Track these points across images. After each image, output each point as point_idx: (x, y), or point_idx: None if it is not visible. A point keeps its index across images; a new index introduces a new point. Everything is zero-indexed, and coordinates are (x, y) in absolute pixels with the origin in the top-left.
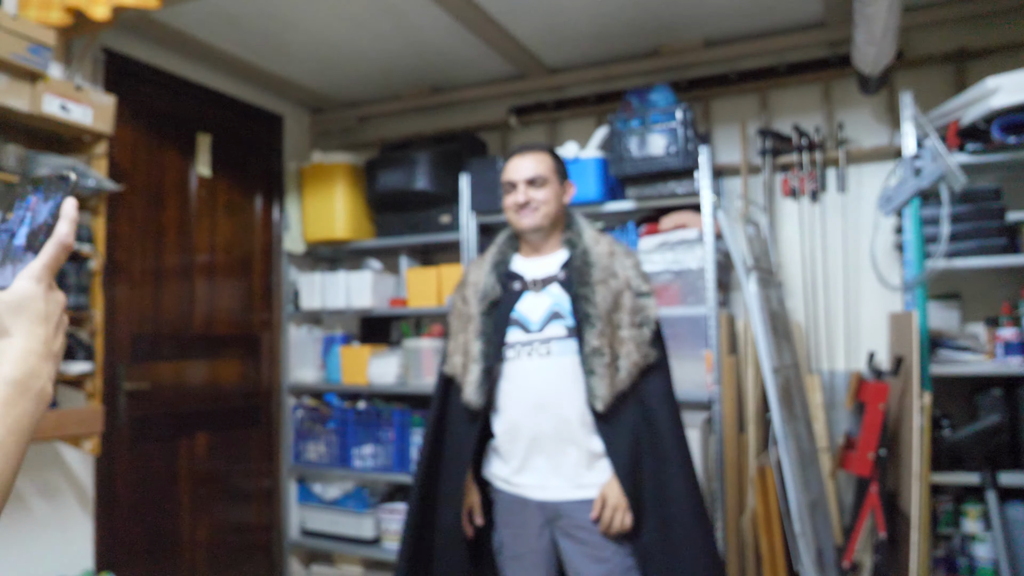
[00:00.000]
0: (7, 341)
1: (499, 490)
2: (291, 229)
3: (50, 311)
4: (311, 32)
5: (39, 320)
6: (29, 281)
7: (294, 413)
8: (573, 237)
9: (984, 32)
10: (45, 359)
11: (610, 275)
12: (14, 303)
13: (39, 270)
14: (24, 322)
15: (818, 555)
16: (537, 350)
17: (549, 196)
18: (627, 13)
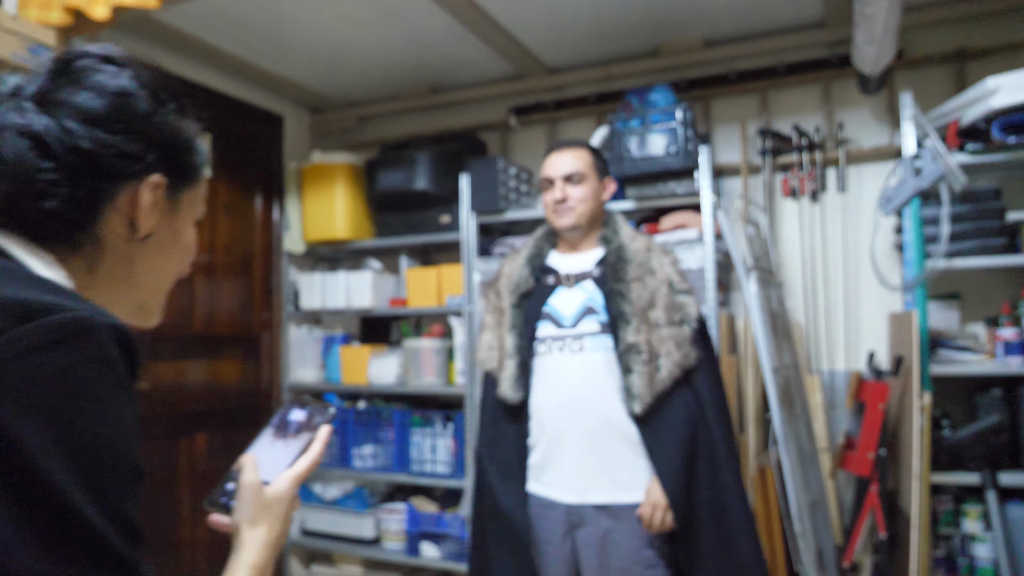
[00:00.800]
0: (256, 531)
1: (530, 491)
2: (291, 229)
3: (289, 513)
4: (311, 32)
5: (281, 519)
6: (287, 484)
7: None
8: (609, 234)
9: (984, 32)
10: (275, 550)
11: (647, 272)
12: (270, 500)
13: (294, 479)
14: (271, 518)
15: (818, 555)
16: (569, 345)
17: (587, 194)
18: (627, 13)
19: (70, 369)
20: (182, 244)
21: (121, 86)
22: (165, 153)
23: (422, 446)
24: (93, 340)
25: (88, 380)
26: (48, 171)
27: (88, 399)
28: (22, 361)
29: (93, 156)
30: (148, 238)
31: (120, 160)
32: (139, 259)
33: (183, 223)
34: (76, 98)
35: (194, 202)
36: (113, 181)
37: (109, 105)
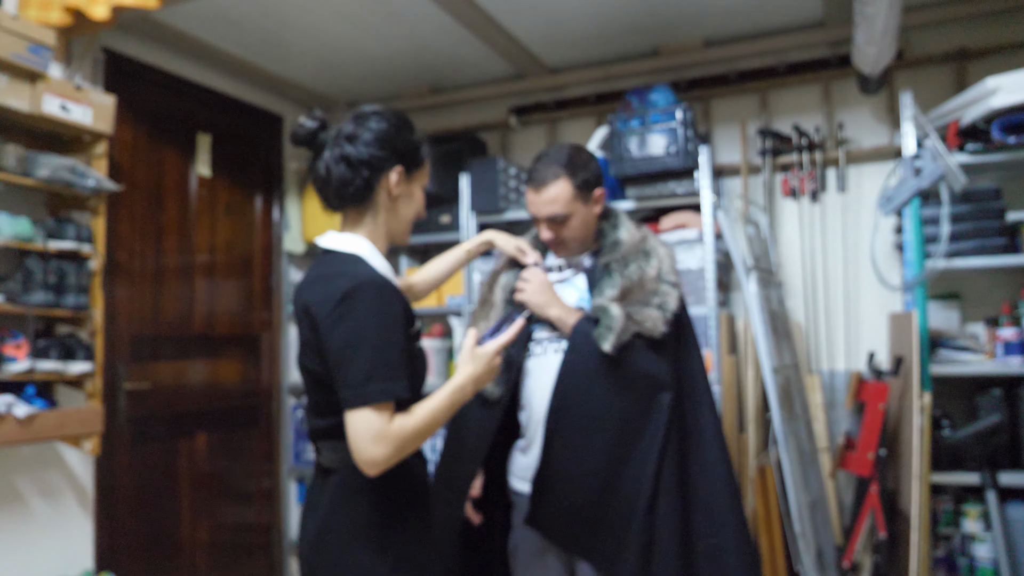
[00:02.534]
0: (464, 368)
1: (517, 492)
2: (291, 229)
3: (488, 365)
4: (311, 32)
5: (481, 366)
6: (490, 347)
7: (294, 413)
8: (606, 228)
9: (984, 32)
10: (473, 384)
11: (635, 261)
12: (478, 354)
13: (497, 345)
14: (475, 363)
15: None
16: (561, 346)
17: (574, 227)
18: (627, 13)
19: (367, 299)
20: (414, 199)
21: (380, 126)
22: (403, 155)
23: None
24: (378, 286)
25: (370, 300)
26: (349, 171)
27: (371, 309)
28: (353, 296)
29: (369, 161)
30: (397, 199)
31: (381, 162)
32: (394, 210)
33: (415, 189)
34: (362, 134)
35: (420, 177)
36: (378, 172)
37: (375, 136)
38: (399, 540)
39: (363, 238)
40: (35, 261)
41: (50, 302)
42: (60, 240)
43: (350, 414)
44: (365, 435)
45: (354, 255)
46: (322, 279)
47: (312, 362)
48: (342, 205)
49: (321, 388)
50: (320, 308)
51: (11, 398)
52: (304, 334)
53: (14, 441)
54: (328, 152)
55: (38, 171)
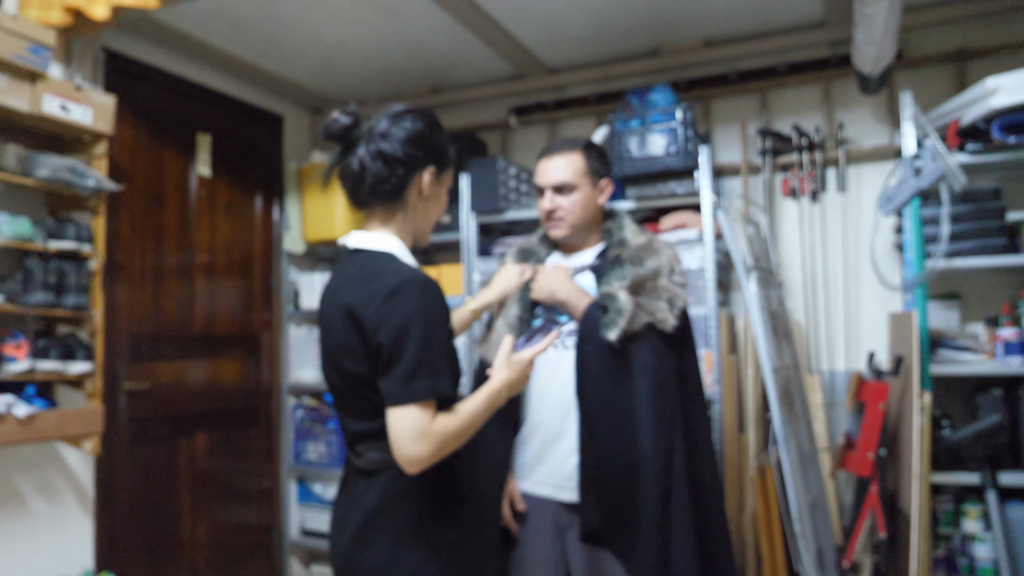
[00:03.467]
0: (501, 373)
1: (520, 489)
2: (291, 229)
3: (522, 372)
4: (311, 32)
5: (517, 370)
6: (526, 355)
7: (294, 413)
8: (612, 228)
9: (984, 32)
10: (507, 389)
11: (642, 262)
12: (514, 361)
13: (530, 353)
14: (509, 368)
15: (818, 555)
16: (565, 342)
17: (578, 203)
18: (627, 13)
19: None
20: (441, 200)
21: (416, 126)
22: (436, 156)
23: None
24: (423, 283)
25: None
26: (384, 169)
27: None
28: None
29: (404, 160)
30: (428, 199)
31: (415, 160)
32: (423, 209)
33: (442, 190)
34: (397, 132)
35: (447, 179)
36: (412, 171)
37: (410, 135)
38: (451, 541)
39: (393, 236)
40: (35, 261)
41: (50, 302)
42: (60, 240)
43: (394, 411)
44: (408, 433)
45: (388, 253)
46: (362, 279)
47: (354, 365)
48: (373, 202)
49: (366, 390)
50: (365, 308)
51: (11, 398)
52: (343, 337)
53: (14, 441)
54: (363, 148)
55: (38, 171)
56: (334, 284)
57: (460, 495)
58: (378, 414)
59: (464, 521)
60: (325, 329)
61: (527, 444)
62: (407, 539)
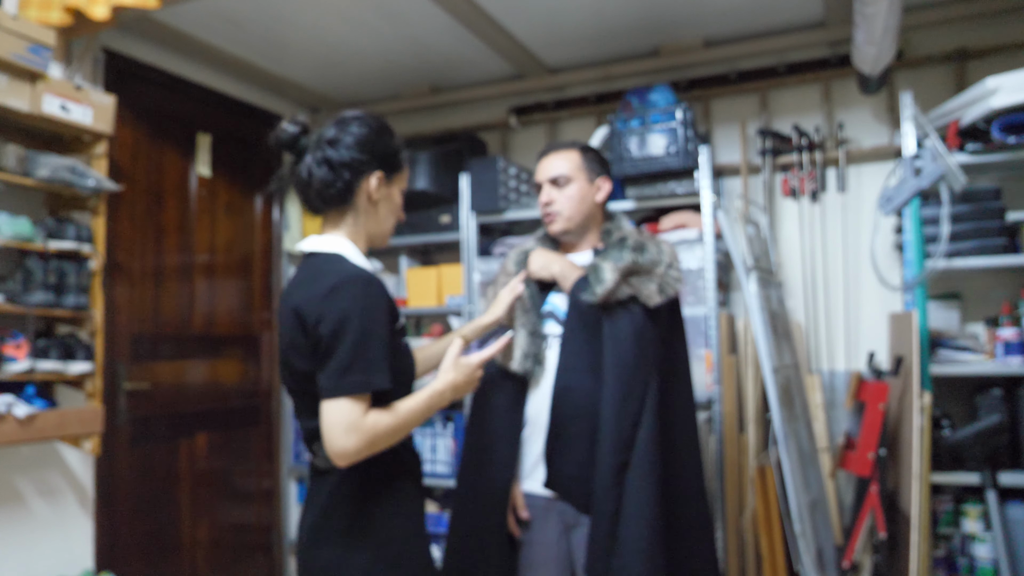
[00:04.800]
0: (446, 375)
1: (524, 490)
2: (291, 229)
3: (470, 376)
4: (311, 32)
5: (464, 376)
6: (475, 359)
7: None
8: (611, 228)
9: (984, 32)
10: (452, 392)
11: (640, 252)
12: (462, 363)
13: (481, 357)
14: (457, 372)
15: (818, 555)
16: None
17: (573, 196)
18: (627, 13)
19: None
20: (393, 203)
21: (362, 131)
22: (383, 159)
23: (422, 446)
24: (365, 280)
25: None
26: (330, 173)
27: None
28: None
29: (350, 164)
30: (377, 202)
31: (361, 165)
32: (374, 213)
33: (394, 192)
34: (343, 138)
35: (400, 181)
36: (359, 175)
37: (356, 140)
38: (398, 537)
39: (344, 238)
40: (35, 261)
41: (50, 302)
42: (60, 240)
43: (326, 404)
44: (338, 425)
45: (337, 254)
46: (308, 280)
47: (301, 362)
48: (323, 208)
49: (313, 387)
50: (308, 306)
51: (11, 398)
52: (290, 336)
53: (14, 441)
54: (310, 156)
55: (38, 171)
56: (288, 288)
57: (411, 492)
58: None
59: (413, 518)
60: (280, 331)
61: (530, 445)
62: (355, 538)
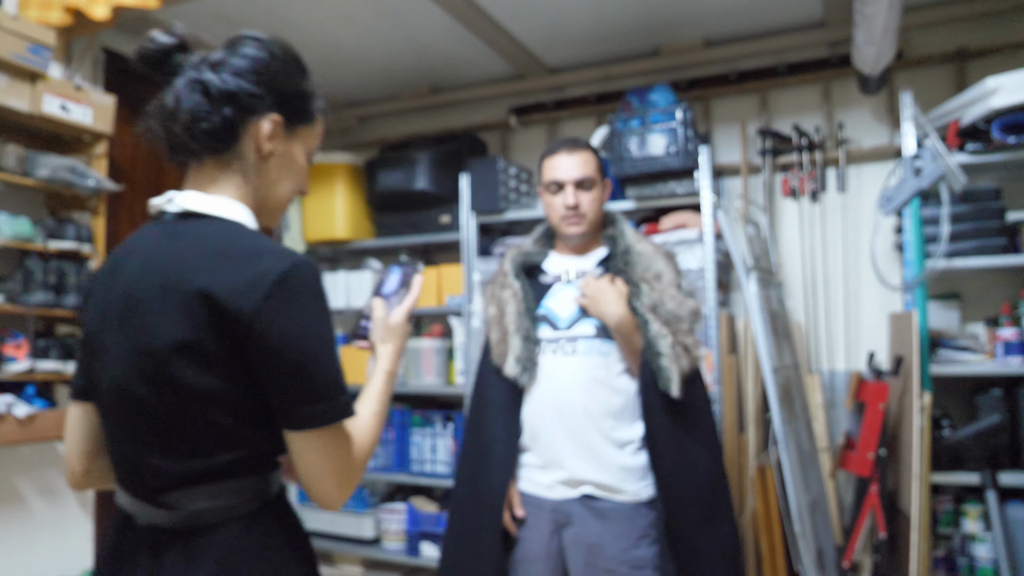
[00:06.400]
0: (387, 347)
1: (521, 489)
2: (291, 229)
3: (405, 333)
4: (311, 32)
5: (401, 337)
6: (401, 315)
7: None
8: (615, 235)
9: (984, 32)
10: (399, 359)
11: (654, 275)
12: (394, 326)
13: (405, 310)
14: (395, 337)
15: (818, 555)
16: (563, 348)
17: (595, 199)
18: (627, 13)
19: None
20: (296, 167)
21: (257, 54)
22: (283, 99)
23: (422, 446)
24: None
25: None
26: (206, 104)
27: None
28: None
29: (234, 95)
30: (269, 158)
31: (250, 99)
32: (263, 172)
33: (296, 151)
34: (231, 60)
35: (307, 138)
36: (245, 113)
37: (249, 65)
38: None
39: (234, 201)
40: (35, 261)
41: (50, 302)
42: (60, 240)
43: (321, 434)
44: (343, 458)
45: (239, 224)
46: (216, 255)
47: (198, 374)
48: (193, 150)
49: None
50: (240, 298)
51: (11, 398)
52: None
53: (14, 441)
54: (180, 78)
55: (38, 171)
56: (149, 256)
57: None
58: (222, 445)
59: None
60: (126, 318)
61: (525, 446)
62: None
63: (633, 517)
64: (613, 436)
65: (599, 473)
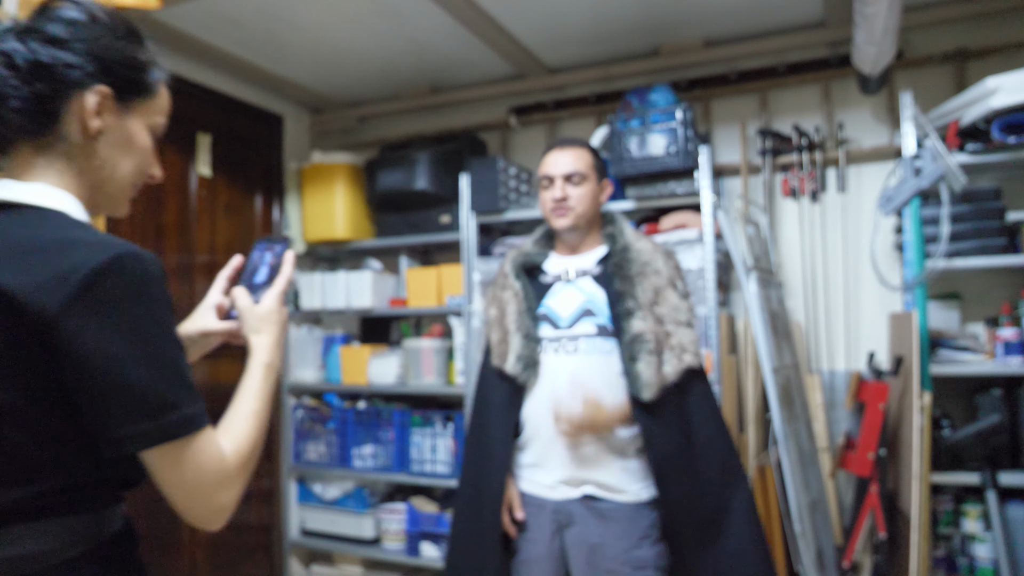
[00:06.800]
0: (261, 337)
1: (520, 490)
2: (291, 229)
3: (282, 319)
4: (311, 32)
5: (277, 324)
6: (273, 300)
7: (294, 413)
8: (614, 233)
9: (984, 32)
10: (280, 349)
11: (652, 271)
12: (265, 313)
13: (277, 294)
14: (270, 325)
15: (818, 555)
16: (564, 347)
17: (586, 194)
18: (627, 13)
19: (138, 276)
20: (135, 146)
21: (73, 17)
22: (111, 69)
23: (422, 446)
24: (140, 256)
25: (140, 281)
26: (12, 78)
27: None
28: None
29: (47, 67)
30: (99, 136)
31: (68, 70)
32: (97, 154)
33: (134, 128)
34: (42, 26)
35: (147, 112)
36: (64, 87)
37: (63, 31)
38: None
39: (58, 190)
40: None
41: None
42: None
43: (162, 454)
44: (210, 474)
45: (59, 212)
46: (20, 249)
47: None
48: (2, 136)
49: (15, 432)
50: (43, 296)
51: None
52: None
53: None
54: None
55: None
56: None
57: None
58: (23, 476)
59: None
60: None
61: (526, 446)
62: None
63: (634, 517)
64: (613, 436)
65: (600, 473)
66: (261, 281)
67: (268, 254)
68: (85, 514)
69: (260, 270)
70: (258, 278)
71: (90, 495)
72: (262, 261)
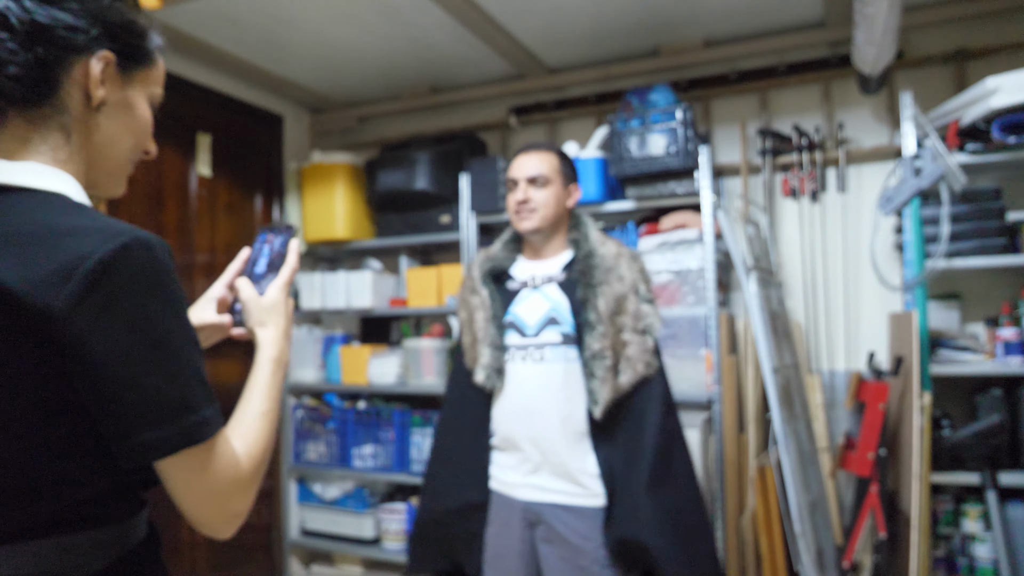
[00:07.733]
0: (267, 331)
1: (491, 488)
2: None
3: (288, 310)
4: (311, 32)
5: (283, 316)
6: (278, 291)
7: (294, 413)
8: (579, 238)
9: (984, 32)
10: (287, 341)
11: (615, 278)
12: (269, 305)
13: (282, 285)
14: (276, 317)
15: (818, 555)
16: (531, 355)
17: (550, 197)
18: (627, 13)
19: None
20: (136, 118)
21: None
22: (113, 33)
23: (422, 446)
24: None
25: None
26: (8, 40)
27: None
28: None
29: (46, 28)
30: (102, 107)
31: (69, 32)
32: (98, 127)
33: (135, 98)
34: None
35: (147, 82)
36: (65, 51)
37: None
38: None
39: (56, 169)
40: None
41: None
42: None
43: (176, 462)
44: (226, 481)
45: (60, 195)
46: (19, 239)
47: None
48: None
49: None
50: (45, 286)
51: None
52: None
53: None
54: None
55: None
56: None
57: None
58: (39, 492)
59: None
60: None
61: (495, 448)
62: None
63: (601, 517)
64: (580, 443)
65: (566, 478)
66: (265, 271)
67: (272, 243)
68: (111, 526)
69: (263, 260)
70: (261, 268)
71: (112, 506)
72: (265, 251)
